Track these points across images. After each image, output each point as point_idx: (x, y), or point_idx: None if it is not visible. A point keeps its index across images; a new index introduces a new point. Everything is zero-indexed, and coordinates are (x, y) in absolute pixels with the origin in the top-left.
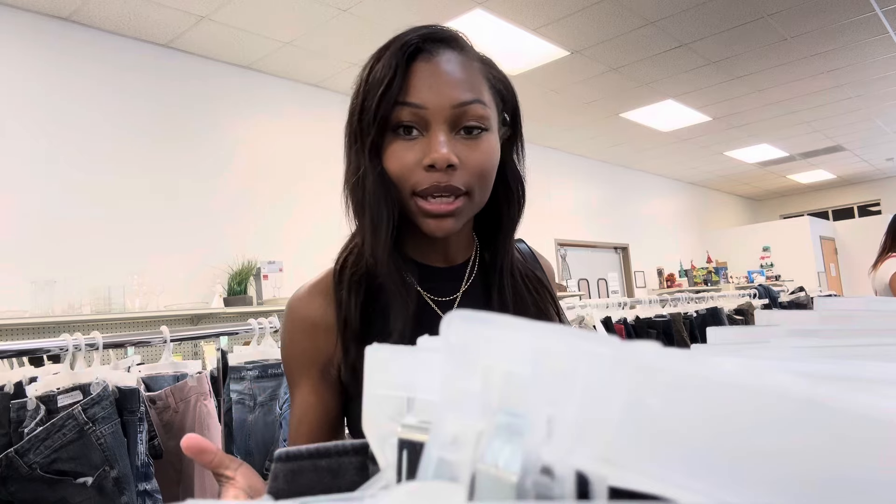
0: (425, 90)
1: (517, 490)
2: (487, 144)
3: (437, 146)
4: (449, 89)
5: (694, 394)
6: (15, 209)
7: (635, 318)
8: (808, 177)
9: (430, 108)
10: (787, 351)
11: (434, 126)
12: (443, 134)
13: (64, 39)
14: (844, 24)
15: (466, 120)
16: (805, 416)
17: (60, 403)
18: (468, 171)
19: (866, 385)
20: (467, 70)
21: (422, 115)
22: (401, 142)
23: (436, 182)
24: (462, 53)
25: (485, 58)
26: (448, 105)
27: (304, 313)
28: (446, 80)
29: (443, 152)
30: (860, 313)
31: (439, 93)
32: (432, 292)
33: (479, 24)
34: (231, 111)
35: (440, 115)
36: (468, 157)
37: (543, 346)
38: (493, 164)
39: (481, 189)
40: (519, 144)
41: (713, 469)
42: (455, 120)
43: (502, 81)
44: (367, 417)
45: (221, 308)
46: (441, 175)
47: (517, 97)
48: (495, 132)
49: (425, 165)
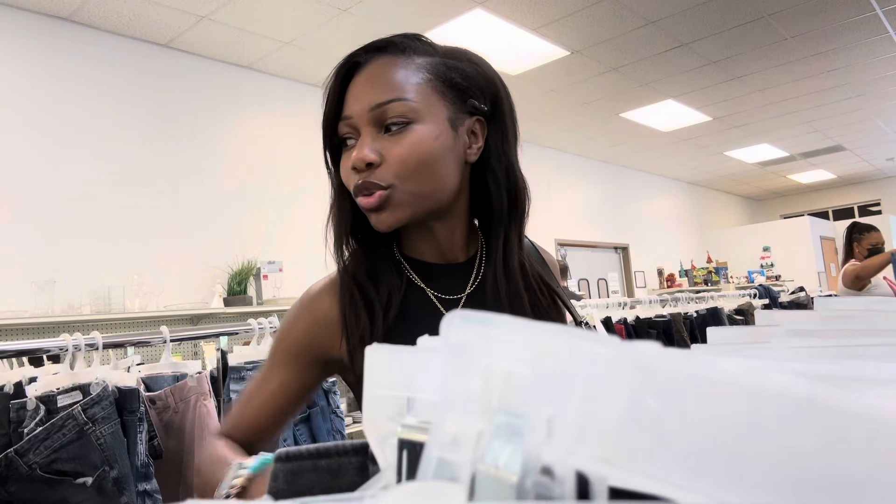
0: (352, 101)
1: (517, 490)
2: (414, 136)
3: (357, 149)
4: (367, 93)
5: (694, 394)
6: (15, 209)
7: (635, 318)
8: (809, 177)
9: (354, 116)
10: (787, 351)
11: (361, 131)
12: (367, 136)
13: (64, 39)
14: (844, 24)
15: (387, 118)
16: (805, 416)
17: (60, 403)
18: (389, 165)
19: (866, 385)
20: (392, 70)
21: (352, 123)
22: (345, 152)
23: (358, 181)
24: (398, 54)
25: (446, 50)
26: (367, 108)
27: (311, 304)
28: (367, 85)
29: (360, 153)
30: (860, 313)
31: (360, 99)
32: (436, 288)
33: (479, 24)
34: (231, 111)
35: (363, 119)
36: (389, 151)
37: (543, 346)
38: (421, 153)
39: (413, 179)
40: (506, 131)
41: (713, 469)
42: (376, 120)
43: (461, 71)
44: (367, 417)
45: (221, 308)
46: (363, 174)
47: (496, 84)
48: (435, 122)
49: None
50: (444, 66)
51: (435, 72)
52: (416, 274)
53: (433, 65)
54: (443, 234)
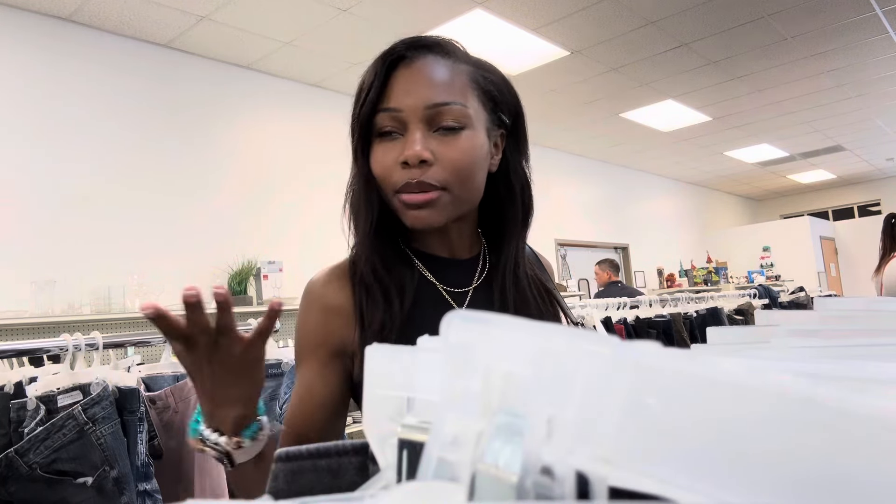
0: (401, 94)
1: (517, 490)
2: (467, 142)
3: (410, 144)
4: (423, 91)
5: (694, 394)
6: (15, 209)
7: (635, 318)
8: (808, 177)
9: (405, 110)
10: (787, 351)
11: (411, 126)
12: (418, 132)
13: (64, 39)
14: (844, 24)
15: (442, 120)
16: (805, 416)
17: (60, 403)
18: (443, 167)
19: (866, 385)
20: (446, 72)
21: (399, 117)
22: (383, 144)
23: (409, 178)
24: (445, 57)
25: (479, 61)
26: (422, 106)
27: (319, 293)
28: (421, 82)
29: (415, 150)
30: (860, 313)
31: (414, 95)
32: (444, 282)
33: (479, 24)
34: (231, 111)
35: (415, 115)
36: (443, 153)
37: (543, 346)
38: (471, 160)
39: (461, 184)
40: (522, 146)
41: (713, 469)
42: (430, 120)
43: (495, 84)
44: (367, 417)
45: None
46: (415, 171)
47: (518, 100)
48: (480, 131)
49: (400, 163)
50: (482, 77)
51: (476, 80)
52: (425, 267)
53: (474, 73)
54: (454, 234)
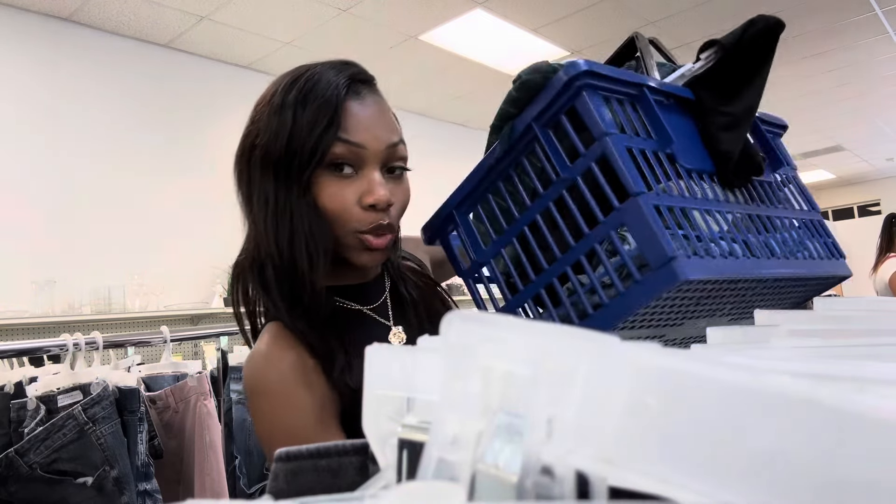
0: (363, 130)
1: (517, 490)
2: (407, 182)
3: (376, 187)
4: (382, 130)
5: (694, 394)
6: (15, 209)
7: None
8: (808, 177)
9: (368, 148)
10: (787, 351)
11: (369, 165)
12: (377, 174)
13: (64, 39)
14: (844, 24)
15: (394, 160)
16: (805, 417)
17: (60, 403)
18: (396, 209)
19: (866, 385)
20: (389, 112)
21: (360, 153)
22: (335, 179)
23: (376, 221)
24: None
25: None
26: (384, 146)
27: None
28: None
29: (383, 193)
30: (860, 313)
31: (376, 134)
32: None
33: (479, 24)
34: (231, 111)
35: (376, 155)
36: (395, 195)
37: (543, 346)
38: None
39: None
40: None
41: (713, 469)
42: (386, 160)
43: None
44: (367, 417)
45: (221, 308)
46: (380, 214)
47: None
48: None
49: (365, 205)
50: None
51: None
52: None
53: None
54: None
